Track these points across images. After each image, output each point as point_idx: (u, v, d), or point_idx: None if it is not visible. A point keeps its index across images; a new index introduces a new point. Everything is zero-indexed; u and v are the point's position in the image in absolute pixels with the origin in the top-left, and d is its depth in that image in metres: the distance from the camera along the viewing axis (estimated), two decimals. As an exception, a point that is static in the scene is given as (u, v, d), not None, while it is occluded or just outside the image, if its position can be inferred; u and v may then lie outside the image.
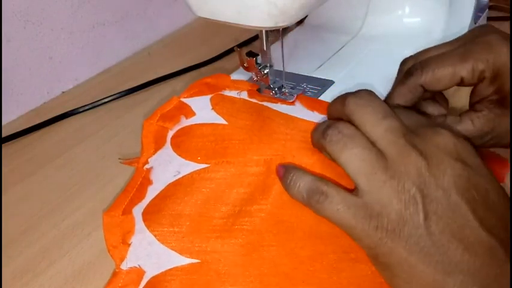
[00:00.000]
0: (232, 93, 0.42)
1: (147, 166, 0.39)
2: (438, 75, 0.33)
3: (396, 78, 0.37)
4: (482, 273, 0.25)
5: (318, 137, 0.31)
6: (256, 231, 0.32)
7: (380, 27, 0.50)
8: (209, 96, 0.42)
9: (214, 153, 0.37)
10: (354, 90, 0.32)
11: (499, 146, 0.34)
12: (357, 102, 0.30)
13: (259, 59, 0.41)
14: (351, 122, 0.30)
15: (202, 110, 0.41)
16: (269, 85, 0.41)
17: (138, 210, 0.35)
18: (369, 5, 0.50)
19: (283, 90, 0.41)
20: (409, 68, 0.35)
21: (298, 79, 0.44)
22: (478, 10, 0.52)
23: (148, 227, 0.34)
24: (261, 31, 0.39)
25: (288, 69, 0.44)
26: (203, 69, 0.61)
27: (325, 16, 0.53)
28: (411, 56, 0.37)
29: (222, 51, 0.63)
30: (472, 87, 0.35)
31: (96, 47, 0.63)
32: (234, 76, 0.45)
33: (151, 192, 0.36)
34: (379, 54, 0.41)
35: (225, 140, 0.38)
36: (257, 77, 0.41)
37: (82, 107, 0.55)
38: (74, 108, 0.55)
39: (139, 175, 0.38)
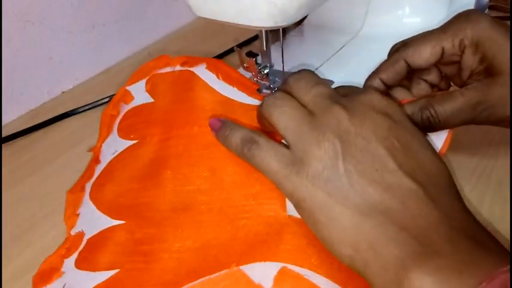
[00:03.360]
0: (167, 69, 0.45)
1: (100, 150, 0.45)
2: (419, 48, 0.36)
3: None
4: (400, 213, 0.26)
5: (259, 107, 0.33)
6: (170, 191, 0.37)
7: (380, 27, 0.50)
8: (145, 79, 0.46)
9: (141, 130, 0.42)
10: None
11: (494, 121, 0.35)
12: (294, 77, 0.32)
13: (259, 59, 0.41)
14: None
15: (139, 93, 0.45)
16: (269, 85, 0.41)
17: (88, 186, 0.41)
18: (369, 5, 0.50)
19: (283, 90, 0.41)
20: (395, 47, 0.38)
21: (298, 79, 0.44)
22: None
23: (91, 198, 0.40)
24: (261, 31, 0.39)
25: (288, 69, 0.44)
26: (203, 69, 0.61)
27: (325, 16, 0.53)
28: (400, 41, 0.39)
29: (222, 51, 0.63)
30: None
31: (96, 47, 0.63)
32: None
33: (98, 170, 0.43)
34: (379, 54, 0.41)
35: (149, 118, 0.42)
36: (257, 77, 0.41)
37: (82, 107, 0.56)
38: (74, 108, 0.55)
39: (93, 158, 0.44)
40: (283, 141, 0.31)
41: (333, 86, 0.43)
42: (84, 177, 0.43)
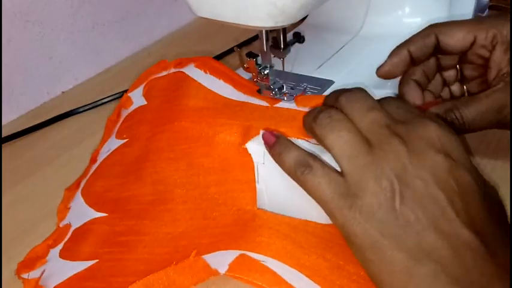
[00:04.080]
0: (163, 73, 0.47)
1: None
2: (453, 29, 0.35)
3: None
4: (454, 264, 0.25)
5: (310, 121, 0.31)
6: (149, 185, 0.38)
7: (380, 27, 0.50)
8: (144, 84, 0.47)
9: (133, 129, 0.45)
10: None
11: None
12: (347, 96, 0.31)
13: (259, 60, 0.41)
14: None
15: (137, 98, 0.47)
16: (269, 86, 0.41)
17: (83, 183, 0.43)
18: (369, 5, 0.50)
19: (283, 90, 0.41)
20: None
21: (298, 79, 0.44)
22: (478, 10, 0.52)
23: (82, 193, 0.42)
24: (261, 31, 0.39)
25: (288, 70, 0.44)
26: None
27: (325, 16, 0.53)
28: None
29: (222, 51, 0.63)
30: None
31: (96, 47, 0.63)
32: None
33: (93, 168, 0.44)
34: (379, 54, 0.41)
35: (141, 118, 0.45)
36: (257, 77, 0.41)
37: (82, 107, 0.56)
38: (74, 108, 0.55)
39: (92, 158, 0.46)
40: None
41: (333, 86, 0.43)
42: (81, 176, 0.44)
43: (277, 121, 0.37)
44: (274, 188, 0.37)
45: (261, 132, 0.34)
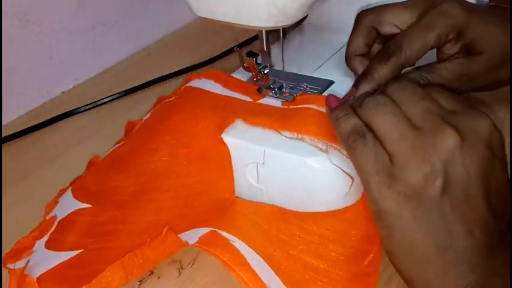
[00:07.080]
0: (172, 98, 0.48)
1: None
2: (415, 51, 0.35)
3: (353, 30, 0.40)
4: (473, 254, 0.26)
5: (354, 107, 0.31)
6: (133, 176, 0.39)
7: (380, 27, 0.50)
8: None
9: (132, 134, 0.46)
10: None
11: (474, 89, 0.37)
12: (395, 86, 0.31)
13: (259, 59, 0.41)
14: None
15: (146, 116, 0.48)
16: (269, 85, 0.41)
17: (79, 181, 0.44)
18: (369, 5, 0.50)
19: (283, 90, 0.41)
20: (387, 49, 0.36)
21: (298, 79, 0.44)
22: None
23: (71, 188, 0.42)
24: (261, 31, 0.39)
25: (288, 69, 0.45)
26: (203, 69, 0.61)
27: (325, 16, 0.53)
28: (367, 10, 0.40)
29: (222, 51, 0.63)
30: None
31: (96, 47, 0.63)
32: (234, 76, 0.45)
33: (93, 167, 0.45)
34: (379, 54, 0.41)
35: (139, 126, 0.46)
36: (257, 77, 0.41)
37: (82, 107, 0.56)
38: (74, 108, 0.56)
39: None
40: None
41: (333, 86, 0.43)
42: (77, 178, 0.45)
43: (257, 114, 0.38)
44: (274, 188, 0.37)
45: (326, 95, 0.34)
